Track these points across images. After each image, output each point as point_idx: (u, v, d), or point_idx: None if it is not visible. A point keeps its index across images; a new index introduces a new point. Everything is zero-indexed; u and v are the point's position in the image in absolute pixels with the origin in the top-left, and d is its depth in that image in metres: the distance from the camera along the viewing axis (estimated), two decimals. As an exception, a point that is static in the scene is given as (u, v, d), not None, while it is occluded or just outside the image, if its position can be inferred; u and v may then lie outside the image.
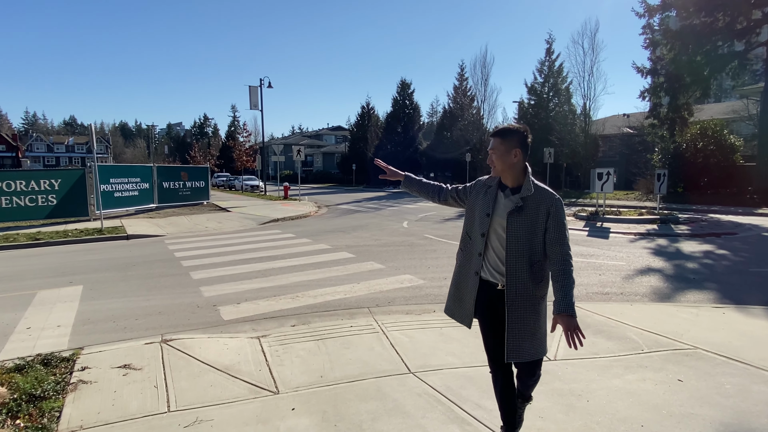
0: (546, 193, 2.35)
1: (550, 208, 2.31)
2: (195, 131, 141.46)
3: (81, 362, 4.01)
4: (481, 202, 2.47)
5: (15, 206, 14.26)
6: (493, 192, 2.44)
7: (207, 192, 21.45)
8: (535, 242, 2.32)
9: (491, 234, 2.42)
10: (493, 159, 2.38)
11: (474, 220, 2.51)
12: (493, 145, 2.37)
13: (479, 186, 2.55)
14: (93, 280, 7.50)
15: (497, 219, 2.39)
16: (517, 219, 2.32)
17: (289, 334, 4.88)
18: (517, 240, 2.32)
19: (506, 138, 2.35)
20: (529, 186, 2.34)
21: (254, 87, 26.94)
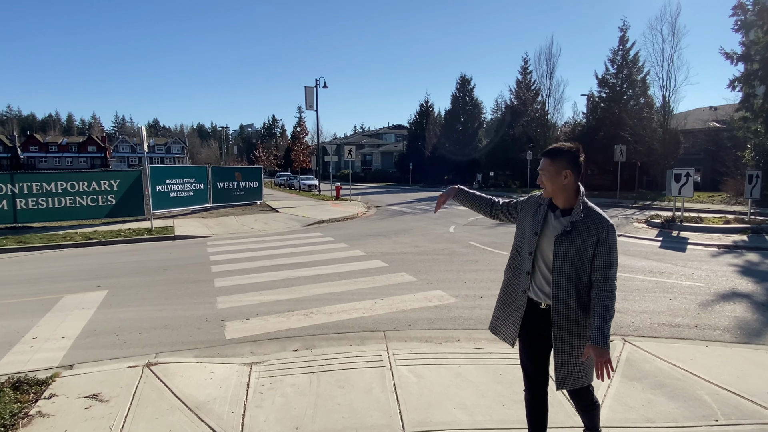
0: (598, 219, 2.24)
1: (601, 235, 2.20)
2: (264, 132, 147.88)
3: (53, 388, 3.70)
4: (531, 220, 2.42)
5: (78, 206, 15.07)
6: (544, 211, 2.38)
7: (260, 192, 21.74)
8: (583, 268, 2.24)
9: (538, 254, 2.37)
10: (543, 180, 2.31)
11: (524, 237, 2.46)
12: (543, 166, 2.30)
13: (531, 203, 2.49)
14: (119, 285, 7.44)
15: (545, 240, 2.33)
16: (565, 243, 2.25)
17: (286, 361, 4.33)
18: (565, 265, 2.25)
19: (556, 159, 2.27)
20: (579, 210, 2.24)
21: (310, 88, 27.06)
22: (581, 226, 2.22)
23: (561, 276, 2.26)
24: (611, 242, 2.20)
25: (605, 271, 2.19)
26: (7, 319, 5.75)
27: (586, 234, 2.21)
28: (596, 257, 2.20)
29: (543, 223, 2.35)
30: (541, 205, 2.42)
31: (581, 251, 2.21)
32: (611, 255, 2.19)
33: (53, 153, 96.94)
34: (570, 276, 2.24)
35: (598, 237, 2.19)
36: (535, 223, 2.38)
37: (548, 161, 2.28)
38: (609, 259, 2.19)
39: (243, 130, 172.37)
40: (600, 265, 2.20)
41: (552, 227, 2.31)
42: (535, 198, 2.49)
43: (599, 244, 2.19)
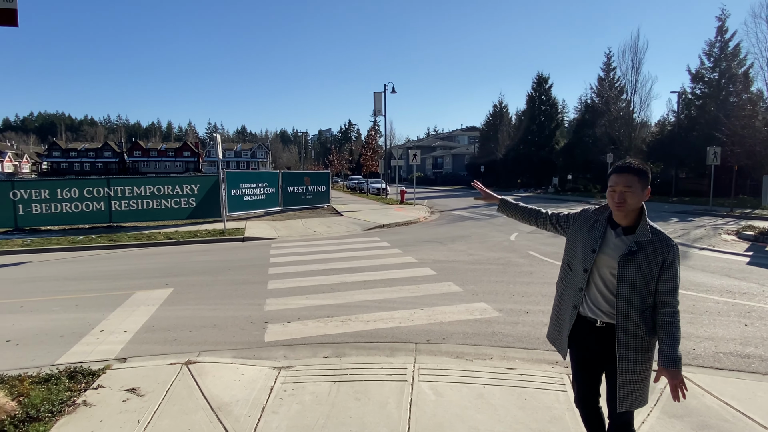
0: (664, 239, 2.18)
1: (667, 256, 2.15)
2: (340, 136, 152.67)
3: (102, 379, 4.09)
4: (586, 235, 2.36)
5: (163, 208, 16.55)
6: (602, 227, 2.31)
7: (327, 196, 22.43)
8: (649, 290, 2.19)
9: (595, 271, 2.31)
10: (625, 198, 2.17)
11: (576, 252, 2.40)
12: (630, 182, 2.16)
13: (585, 217, 2.43)
14: (185, 284, 8.04)
15: (605, 258, 2.27)
16: (630, 264, 2.18)
17: (313, 368, 4.43)
18: (631, 286, 2.19)
19: (643, 176, 2.18)
20: (646, 230, 2.18)
21: (378, 93, 27.46)
22: (647, 247, 2.16)
23: (626, 296, 2.20)
24: (676, 263, 2.17)
25: (671, 292, 2.16)
26: (84, 312, 6.46)
27: (652, 255, 2.16)
28: (661, 278, 2.16)
29: (602, 240, 2.28)
30: (597, 220, 2.35)
31: (648, 272, 2.16)
32: (676, 277, 2.17)
33: (153, 158, 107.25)
34: (635, 297, 2.19)
35: (664, 258, 2.15)
36: (592, 239, 2.32)
37: (635, 178, 2.17)
38: (675, 281, 2.16)
39: (321, 135, 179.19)
40: (666, 286, 2.16)
41: (613, 245, 2.25)
42: (591, 212, 2.42)
43: (665, 265, 2.15)
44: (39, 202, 15.22)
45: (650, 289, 2.19)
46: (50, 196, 15.34)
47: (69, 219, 15.64)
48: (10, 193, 14.90)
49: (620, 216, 2.24)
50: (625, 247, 2.19)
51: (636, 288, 2.18)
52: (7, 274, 9.35)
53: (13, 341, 5.34)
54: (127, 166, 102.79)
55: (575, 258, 2.41)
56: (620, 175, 2.18)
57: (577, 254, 2.39)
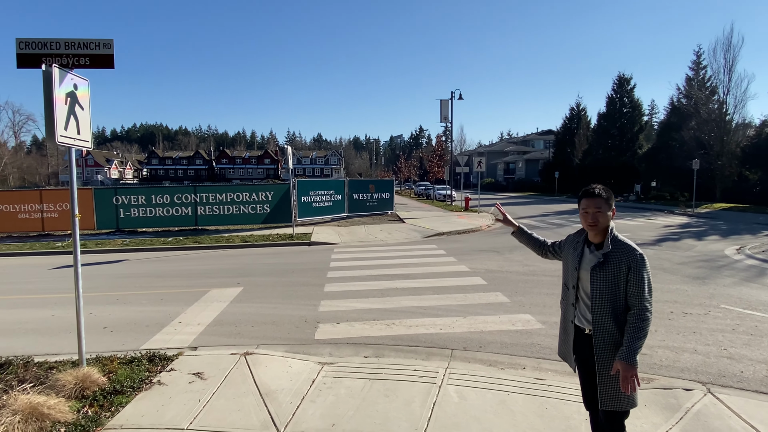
0: (628, 249, 2.47)
1: (631, 263, 2.43)
2: (411, 142, 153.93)
3: (174, 364, 4.80)
4: (571, 256, 2.73)
5: (241, 213, 18.00)
6: (581, 247, 2.67)
7: (391, 203, 22.98)
8: (618, 295, 2.47)
9: (579, 286, 2.65)
10: (598, 218, 2.52)
11: (567, 272, 2.77)
12: (599, 205, 2.52)
13: (569, 241, 2.82)
14: (253, 283, 8.87)
15: (583, 273, 2.61)
16: (600, 274, 2.51)
17: (354, 365, 4.84)
18: (601, 293, 2.50)
19: (609, 200, 2.55)
20: (608, 243, 2.51)
21: (444, 101, 27.60)
22: (612, 257, 2.48)
23: (599, 303, 2.52)
24: (640, 269, 2.42)
25: (638, 296, 2.42)
26: (166, 305, 7.41)
27: (618, 264, 2.46)
28: (629, 284, 2.44)
29: (580, 258, 2.65)
30: (577, 242, 2.72)
31: (615, 279, 2.46)
32: (642, 282, 2.41)
33: (238, 165, 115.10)
34: (607, 302, 2.49)
35: (629, 265, 2.43)
36: (574, 258, 2.69)
37: (603, 201, 2.53)
38: (641, 285, 2.41)
39: (392, 141, 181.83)
40: (633, 290, 2.43)
41: (588, 260, 2.60)
42: (572, 236, 2.82)
43: (630, 271, 2.43)
44: (137, 207, 17.26)
45: (620, 295, 2.46)
46: (146, 202, 17.33)
47: (161, 222, 17.56)
48: (113, 198, 17.07)
49: (593, 234, 2.59)
50: (595, 260, 2.54)
51: (606, 294, 2.48)
52: (109, 270, 10.83)
53: (109, 328, 6.33)
54: (215, 172, 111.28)
55: (567, 278, 2.78)
56: (591, 199, 2.55)
57: (568, 273, 2.77)
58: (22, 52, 4.30)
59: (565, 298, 2.80)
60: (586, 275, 2.58)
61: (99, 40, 4.41)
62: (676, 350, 5.10)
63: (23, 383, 4.17)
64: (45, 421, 3.42)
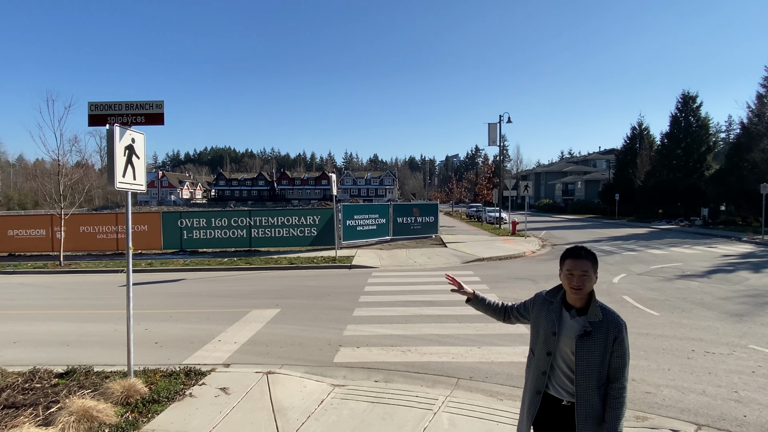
0: (613, 318, 2.35)
1: (618, 334, 2.32)
2: (467, 161, 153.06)
3: (206, 379, 5.46)
4: (545, 319, 2.48)
5: (290, 236, 19.07)
6: (557, 309, 2.44)
7: (435, 226, 23.25)
8: (603, 367, 2.34)
9: (558, 354, 2.43)
10: (584, 282, 2.34)
11: (538, 336, 2.52)
12: (585, 268, 2.35)
13: (540, 301, 2.57)
14: (290, 305, 9.55)
15: (564, 339, 2.40)
16: (586, 344, 2.33)
17: (362, 388, 5.27)
18: (588, 365, 2.33)
19: (595, 262, 2.40)
20: (597, 311, 2.35)
21: (493, 124, 27.66)
22: (599, 326, 2.32)
23: (584, 376, 2.34)
24: (626, 341, 2.34)
25: (621, 369, 2.33)
26: (211, 324, 8.23)
27: (606, 334, 2.31)
28: (613, 355, 2.32)
29: (559, 322, 2.41)
30: (552, 303, 2.48)
31: (603, 350, 2.31)
32: (626, 354, 2.33)
33: (297, 186, 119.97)
34: (593, 375, 2.33)
35: (616, 336, 2.31)
36: (551, 322, 2.44)
37: (590, 263, 2.37)
38: (624, 358, 2.33)
39: (448, 161, 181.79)
40: (617, 363, 2.33)
41: (570, 327, 2.38)
42: (543, 296, 2.57)
43: (616, 342, 2.31)
44: (198, 229, 18.81)
45: (604, 366, 2.34)
46: (206, 224, 18.85)
47: (220, 243, 18.98)
48: (178, 221, 18.73)
49: (576, 299, 2.38)
50: (580, 328, 2.34)
51: (593, 366, 2.32)
52: (168, 288, 12.00)
53: (159, 343, 7.19)
54: (276, 193, 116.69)
55: (538, 342, 2.52)
56: (577, 261, 2.36)
57: (539, 338, 2.50)
58: (93, 113, 5.25)
59: (532, 366, 2.56)
60: (569, 343, 2.37)
61: (153, 101, 5.29)
62: (684, 390, 5.07)
63: (82, 389, 4.98)
64: (93, 422, 4.14)
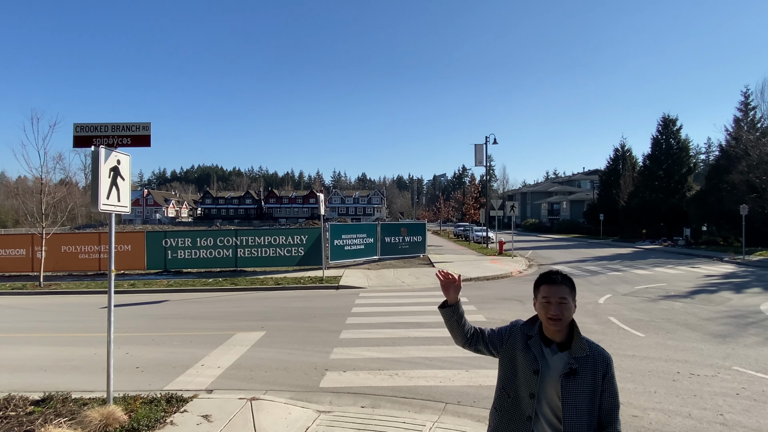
0: (599, 352, 2.06)
1: (606, 370, 2.03)
2: (454, 181, 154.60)
3: (188, 406, 5.32)
4: (524, 355, 2.10)
5: (277, 255, 18.92)
6: (537, 344, 2.10)
7: (423, 246, 23.29)
8: (593, 410, 2.01)
9: (542, 397, 2.06)
10: (562, 311, 2.02)
11: (515, 375, 2.13)
12: (563, 295, 2.04)
13: (516, 332, 2.19)
14: (276, 328, 9.41)
15: (548, 380, 2.04)
16: (573, 384, 1.99)
17: (348, 415, 5.17)
18: (577, 408, 1.98)
19: (573, 287, 2.09)
20: (583, 345, 2.04)
21: (479, 145, 28.11)
22: (586, 362, 2.01)
23: (573, 420, 1.98)
24: (614, 377, 2.05)
25: (614, 411, 2.02)
26: (194, 347, 8.05)
27: (593, 370, 2.00)
28: (603, 395, 2.01)
29: (542, 359, 2.07)
30: (530, 336, 2.13)
31: (592, 390, 2.00)
32: (616, 393, 2.04)
33: (285, 204, 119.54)
34: (583, 420, 1.99)
35: (604, 372, 2.01)
36: (531, 358, 2.08)
37: (568, 289, 2.06)
38: (615, 398, 2.03)
39: (436, 180, 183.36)
40: (608, 403, 2.01)
41: (551, 364, 2.05)
42: (519, 327, 2.20)
43: (606, 379, 2.01)
44: (183, 249, 18.56)
45: (595, 409, 2.01)
46: (191, 244, 18.62)
47: (205, 263, 18.73)
48: (163, 241, 18.48)
49: (553, 331, 2.05)
50: (564, 366, 2.01)
51: (582, 409, 1.99)
52: (151, 310, 11.76)
53: (140, 368, 7.00)
54: (263, 211, 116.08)
55: (515, 382, 2.13)
56: (553, 287, 2.05)
57: (518, 377, 2.12)
58: (78, 135, 5.21)
59: (507, 410, 2.14)
60: (554, 384, 2.01)
61: (139, 123, 5.28)
62: (670, 413, 5.08)
63: (59, 417, 4.81)
64: (69, 453, 3.99)
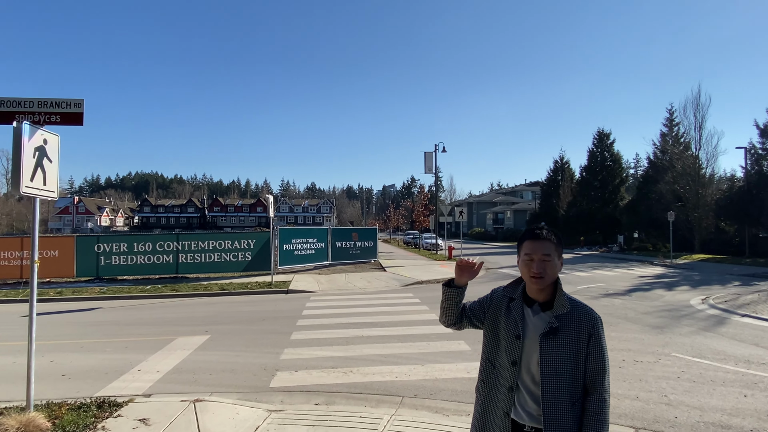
0: (585, 310, 1.90)
1: (593, 330, 1.87)
2: (403, 191, 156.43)
3: (122, 410, 4.83)
4: (506, 320, 1.97)
5: (222, 261, 18.09)
6: (519, 307, 1.96)
7: (375, 251, 23.20)
8: (577, 375, 1.86)
9: (523, 363, 1.91)
10: (545, 268, 1.88)
11: (498, 343, 2.00)
12: (547, 251, 1.89)
13: (498, 297, 2.06)
14: (221, 332, 8.89)
15: (529, 343, 1.90)
16: (553, 344, 1.85)
17: (301, 412, 4.90)
18: (557, 372, 1.83)
19: (559, 244, 1.94)
20: (564, 301, 1.89)
21: (429, 153, 28.61)
22: (569, 321, 1.87)
23: (553, 388, 1.84)
24: (603, 337, 1.89)
25: (600, 374, 1.86)
26: (130, 353, 7.42)
27: (577, 330, 1.86)
28: (589, 358, 1.87)
29: (523, 322, 1.93)
30: (512, 299, 2.00)
31: (575, 352, 1.85)
32: (605, 355, 1.88)
33: (231, 213, 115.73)
34: (564, 385, 1.84)
35: (590, 332, 1.86)
36: (512, 323, 1.95)
37: (552, 245, 1.92)
38: (603, 361, 1.87)
39: (385, 190, 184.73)
40: (594, 367, 1.86)
41: (533, 326, 1.91)
42: (502, 291, 2.08)
43: (591, 340, 1.86)
44: (118, 255, 17.32)
45: (579, 374, 1.87)
46: (128, 249, 17.41)
47: (142, 270, 17.56)
48: (95, 246, 17.15)
49: (536, 290, 1.93)
50: (544, 325, 1.88)
51: (563, 373, 1.84)
52: (81, 318, 10.79)
53: (67, 376, 6.34)
54: (207, 220, 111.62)
55: (498, 350, 2.01)
56: (537, 242, 1.92)
57: (500, 345, 2.00)
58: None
59: (492, 382, 2.02)
60: (534, 347, 1.88)
61: (70, 99, 4.80)
62: (619, 397, 5.22)
63: (-34, 429, 4.19)
64: (-23, 465, 3.46)
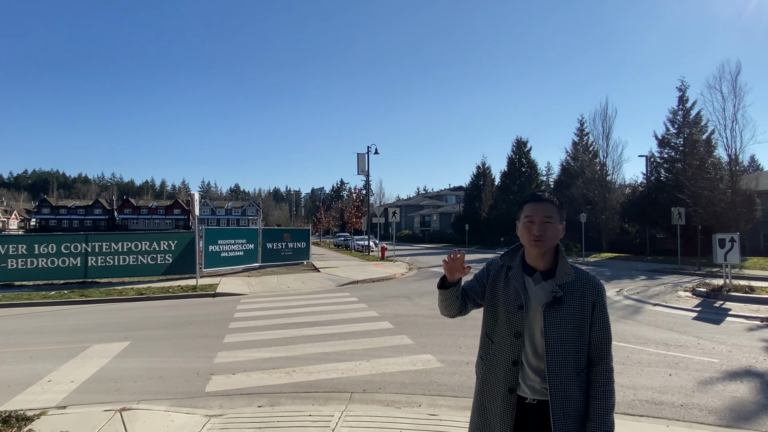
0: (589, 279, 1.82)
1: (597, 298, 1.79)
2: (333, 194, 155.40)
3: (34, 425, 4.21)
4: (505, 291, 1.86)
5: (140, 263, 16.69)
6: (519, 276, 1.85)
7: (307, 252, 22.72)
8: (582, 344, 1.78)
9: (526, 335, 1.81)
10: (546, 231, 1.78)
11: (498, 315, 1.89)
12: (549, 212, 1.80)
13: (495, 268, 1.95)
14: (143, 337, 8.14)
15: (531, 314, 1.81)
16: (558, 314, 1.76)
17: (244, 416, 4.57)
18: (563, 342, 1.75)
19: (561, 208, 1.86)
20: (568, 269, 1.80)
21: (362, 154, 28.59)
22: (572, 290, 1.78)
23: (558, 359, 1.75)
24: (606, 307, 1.83)
25: (605, 344, 1.80)
26: (36, 363, 6.53)
27: (581, 298, 1.78)
28: (594, 327, 1.80)
29: (524, 292, 1.83)
30: (510, 267, 1.91)
31: (579, 321, 1.78)
32: (609, 324, 1.82)
33: (144, 215, 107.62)
34: (570, 357, 1.76)
35: (594, 301, 1.79)
36: (513, 293, 1.84)
37: (555, 208, 1.83)
38: (608, 330, 1.81)
39: (314, 193, 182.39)
40: (599, 336, 1.80)
41: (534, 296, 1.82)
42: (499, 262, 1.97)
43: (595, 309, 1.79)
44: (15, 257, 15.33)
45: (584, 345, 1.79)
46: (27, 252, 15.48)
47: (44, 275, 15.69)
48: (-14, 248, 15.04)
49: (536, 255, 1.84)
50: (547, 294, 1.79)
51: (569, 344, 1.76)
52: (-31, 328, 9.35)
53: (-43, 391, 5.42)
54: (116, 223, 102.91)
55: (498, 323, 1.89)
56: (538, 204, 1.83)
57: (499, 317, 1.88)
58: None
59: (492, 357, 1.90)
60: (537, 318, 1.79)
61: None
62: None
63: None
64: None
